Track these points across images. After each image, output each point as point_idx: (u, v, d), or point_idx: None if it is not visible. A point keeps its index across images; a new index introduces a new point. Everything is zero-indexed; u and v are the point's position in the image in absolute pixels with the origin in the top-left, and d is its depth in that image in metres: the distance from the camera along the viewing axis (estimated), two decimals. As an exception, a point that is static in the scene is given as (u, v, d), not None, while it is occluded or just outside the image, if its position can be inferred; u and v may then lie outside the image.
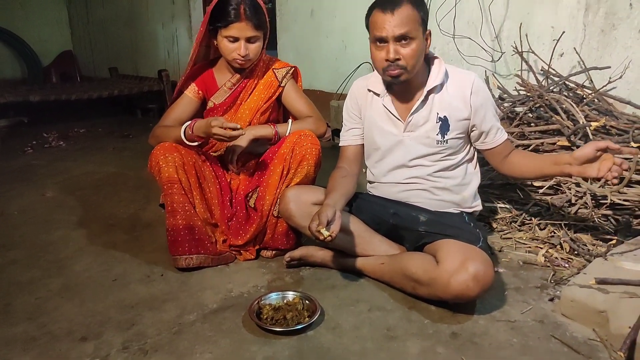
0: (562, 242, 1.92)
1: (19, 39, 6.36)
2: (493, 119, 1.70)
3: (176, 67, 5.24)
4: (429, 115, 1.67)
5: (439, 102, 1.66)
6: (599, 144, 1.50)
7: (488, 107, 1.68)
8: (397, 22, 1.52)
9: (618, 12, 2.40)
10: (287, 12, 4.15)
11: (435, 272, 1.50)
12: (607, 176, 1.48)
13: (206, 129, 1.76)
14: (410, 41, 1.54)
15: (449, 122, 1.66)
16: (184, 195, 1.83)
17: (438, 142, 1.68)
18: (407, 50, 1.55)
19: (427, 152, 1.70)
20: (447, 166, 1.72)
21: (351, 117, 1.85)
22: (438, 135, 1.67)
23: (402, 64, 1.56)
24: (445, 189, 1.73)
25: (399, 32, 1.52)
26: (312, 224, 1.52)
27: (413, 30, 1.53)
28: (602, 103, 2.35)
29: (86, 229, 2.24)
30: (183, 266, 1.81)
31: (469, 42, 2.97)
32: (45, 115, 4.71)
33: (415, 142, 1.71)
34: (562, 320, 1.51)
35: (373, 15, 1.57)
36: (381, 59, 1.58)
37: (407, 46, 1.54)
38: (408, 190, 1.76)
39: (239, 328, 1.49)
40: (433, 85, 1.64)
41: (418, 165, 1.73)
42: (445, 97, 1.66)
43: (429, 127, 1.68)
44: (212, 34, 1.89)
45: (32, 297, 1.67)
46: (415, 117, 1.69)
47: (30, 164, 3.35)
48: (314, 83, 3.95)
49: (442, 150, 1.70)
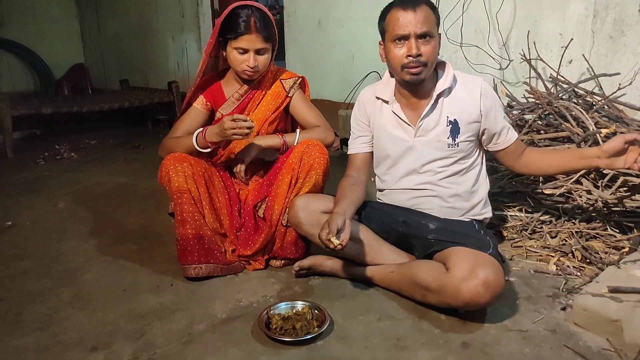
0: (574, 250, 1.90)
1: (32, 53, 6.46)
2: (503, 120, 1.73)
3: (186, 79, 5.29)
4: (439, 119, 1.69)
5: (448, 106, 1.68)
6: (627, 137, 1.54)
7: (498, 108, 1.71)
8: (419, 20, 1.55)
9: (626, 18, 2.39)
10: (294, 23, 4.19)
11: (445, 279, 1.49)
12: (633, 167, 1.54)
13: (219, 129, 1.78)
14: (431, 39, 1.58)
15: (460, 125, 1.67)
16: (193, 205, 1.84)
17: (449, 145, 1.69)
18: (428, 48, 1.58)
19: (438, 156, 1.71)
20: (458, 171, 1.72)
21: (359, 125, 1.86)
22: (449, 138, 1.68)
23: (423, 60, 1.58)
24: (456, 195, 1.73)
25: (421, 30, 1.56)
26: (322, 232, 1.52)
27: (433, 29, 1.58)
28: (612, 110, 2.33)
29: (97, 239, 2.25)
30: (192, 275, 1.82)
31: (476, 50, 2.97)
32: (57, 127, 4.77)
33: (426, 146, 1.71)
34: (574, 330, 1.49)
35: (392, 13, 1.60)
36: (402, 55, 1.59)
37: (428, 44, 1.58)
38: (419, 197, 1.76)
39: (248, 338, 1.49)
40: (442, 88, 1.66)
41: (429, 171, 1.73)
42: (454, 100, 1.68)
43: (440, 131, 1.69)
44: (222, 45, 1.92)
45: (44, 307, 1.69)
46: (425, 122, 1.69)
47: (42, 175, 3.38)
48: (322, 92, 3.97)
49: (453, 154, 1.70)
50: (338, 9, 3.78)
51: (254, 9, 1.85)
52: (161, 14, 5.53)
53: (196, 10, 5.05)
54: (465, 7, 2.94)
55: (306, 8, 4.04)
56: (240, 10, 1.84)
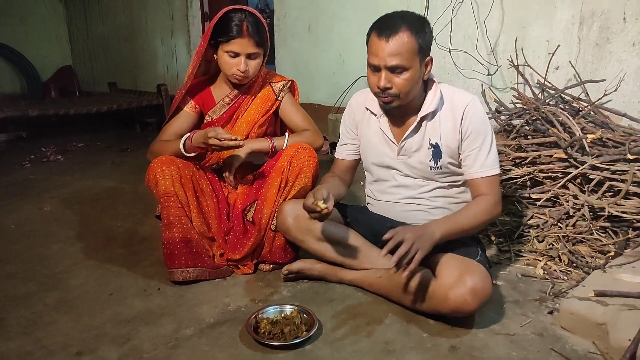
0: (561, 255, 1.91)
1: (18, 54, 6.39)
2: (478, 149, 1.58)
3: (175, 82, 5.26)
4: (422, 141, 1.64)
5: (431, 129, 1.63)
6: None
7: (477, 133, 1.58)
8: (391, 51, 1.47)
9: (612, 26, 2.43)
10: (285, 27, 4.19)
11: (433, 286, 1.49)
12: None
13: (204, 139, 1.77)
14: (404, 71, 1.50)
15: (441, 149, 1.62)
16: (180, 208, 1.83)
17: (431, 168, 1.66)
18: (400, 80, 1.51)
19: (421, 176, 1.69)
20: (444, 186, 1.70)
21: (348, 132, 1.85)
22: (431, 161, 1.64)
23: (393, 93, 1.53)
24: (443, 207, 1.71)
25: (391, 63, 1.48)
26: (307, 200, 1.53)
27: (407, 60, 1.48)
28: (598, 115, 2.36)
29: (83, 243, 2.23)
30: (179, 279, 1.80)
31: (465, 56, 3.00)
32: (43, 129, 4.71)
33: (409, 166, 1.69)
34: (561, 333, 1.50)
35: (370, 38, 1.54)
36: (374, 84, 1.55)
37: (400, 75, 1.51)
38: (404, 211, 1.74)
39: (236, 343, 1.48)
40: (426, 112, 1.61)
41: (414, 185, 1.71)
42: (437, 124, 1.62)
43: (422, 154, 1.65)
44: (213, 48, 1.91)
45: (28, 311, 1.66)
46: (408, 143, 1.66)
47: (28, 178, 3.34)
48: (312, 97, 3.98)
49: (436, 175, 1.67)
50: (328, 13, 3.80)
51: (247, 13, 1.85)
52: (150, 16, 5.51)
53: (186, 13, 5.04)
54: (454, 13, 2.97)
55: (296, 12, 4.05)
56: (233, 14, 1.84)
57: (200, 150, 1.89)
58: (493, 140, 1.61)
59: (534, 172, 2.24)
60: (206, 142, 1.76)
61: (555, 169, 2.20)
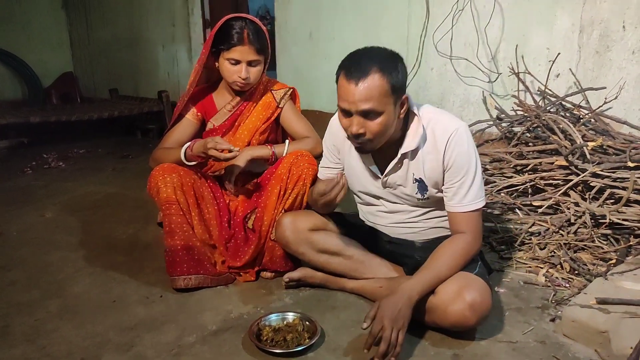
0: (562, 262, 1.92)
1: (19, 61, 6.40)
2: (458, 181, 1.51)
3: (176, 88, 5.27)
4: (406, 176, 1.58)
5: (414, 165, 1.55)
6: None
7: (460, 167, 1.49)
8: (361, 96, 1.37)
9: (611, 34, 2.44)
10: (286, 34, 4.21)
11: (432, 301, 1.47)
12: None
13: (203, 149, 1.78)
14: (377, 115, 1.40)
15: (426, 183, 1.56)
16: (182, 216, 1.84)
17: (419, 199, 1.60)
18: (373, 125, 1.42)
19: (410, 204, 1.65)
20: (434, 208, 1.65)
21: (330, 155, 1.77)
22: (417, 194, 1.59)
23: (366, 139, 1.45)
24: (436, 227, 1.68)
25: (362, 108, 1.39)
26: (319, 187, 1.54)
27: (380, 104, 1.39)
28: (598, 123, 2.37)
29: (85, 250, 2.23)
30: (182, 287, 1.81)
31: (466, 64, 3.01)
32: (45, 136, 4.72)
33: (396, 197, 1.65)
34: (563, 341, 1.50)
35: (339, 80, 1.44)
36: (345, 127, 1.47)
37: (374, 120, 1.41)
38: (399, 234, 1.71)
39: (239, 350, 1.48)
40: (407, 150, 1.52)
41: (404, 210, 1.66)
42: (420, 160, 1.54)
43: (408, 188, 1.60)
44: (215, 55, 1.92)
45: (31, 318, 1.66)
46: (391, 177, 1.60)
47: (30, 185, 3.34)
48: (313, 103, 3.98)
49: (425, 204, 1.63)
50: (329, 20, 3.81)
51: (247, 21, 1.86)
52: (152, 23, 5.53)
53: (187, 19, 5.05)
54: (454, 21, 2.98)
55: (297, 19, 4.07)
56: (234, 21, 1.86)
57: (201, 159, 1.90)
58: (477, 174, 1.51)
59: (535, 180, 2.25)
60: (205, 152, 1.77)
61: (557, 176, 2.21)
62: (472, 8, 2.91)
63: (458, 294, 1.42)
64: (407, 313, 1.37)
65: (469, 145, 1.51)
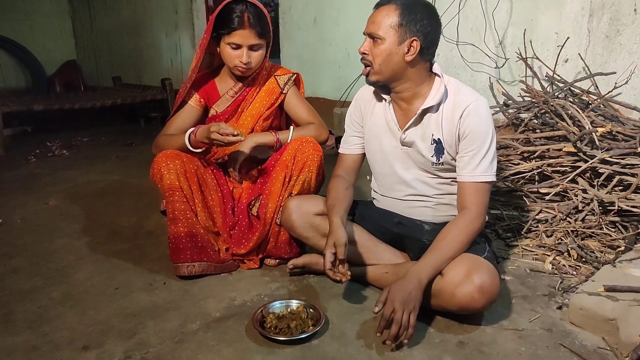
0: (570, 249, 1.89)
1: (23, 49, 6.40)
2: (472, 150, 1.54)
3: (179, 76, 5.26)
4: (424, 135, 1.60)
5: (434, 124, 1.58)
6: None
7: (475, 136, 1.53)
8: (372, 19, 1.54)
9: (622, 17, 2.39)
10: (290, 21, 4.17)
11: (440, 283, 1.47)
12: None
13: (207, 134, 1.76)
14: (378, 41, 1.53)
15: (444, 145, 1.58)
16: (185, 202, 1.82)
17: (433, 163, 1.61)
18: (375, 49, 1.55)
19: (424, 170, 1.65)
20: (447, 182, 1.66)
21: (353, 124, 1.82)
22: (433, 157, 1.60)
23: (366, 60, 1.58)
24: (448, 204, 1.67)
25: (368, 30, 1.55)
26: (326, 263, 1.50)
27: (383, 31, 1.52)
28: (607, 109, 2.33)
29: (88, 238, 2.22)
30: (185, 274, 1.80)
31: (472, 49, 2.97)
32: (48, 124, 4.73)
33: (412, 160, 1.66)
34: (570, 329, 1.48)
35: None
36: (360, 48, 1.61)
37: (375, 45, 1.54)
38: (410, 208, 1.72)
39: (242, 337, 1.47)
40: (428, 105, 1.57)
41: (418, 180, 1.67)
42: (440, 118, 1.58)
43: (424, 148, 1.61)
44: (216, 40, 1.89)
45: (34, 305, 1.66)
46: (410, 134, 1.62)
47: (34, 173, 3.35)
48: (318, 90, 3.96)
49: (438, 170, 1.64)
50: (333, 6, 3.77)
51: (248, 4, 1.83)
52: (154, 10, 5.50)
53: (190, 6, 5.02)
54: (461, 6, 2.94)
55: (301, 5, 4.02)
56: (234, 5, 1.82)
57: (204, 145, 1.88)
58: (491, 148, 1.54)
59: (543, 166, 2.22)
60: (209, 137, 1.75)
61: (564, 163, 2.18)
62: (479, -8, 2.86)
63: (467, 276, 1.41)
64: (418, 295, 1.39)
65: (487, 117, 1.56)
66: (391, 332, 1.33)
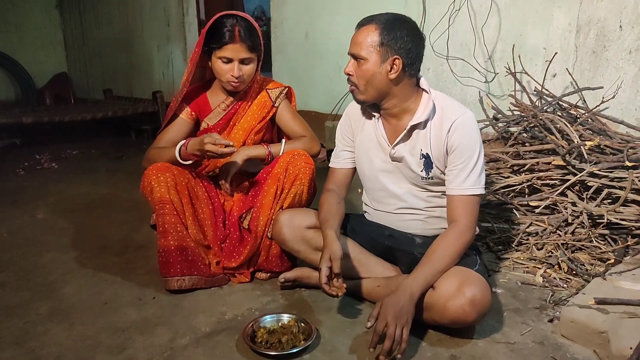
0: (560, 262, 1.90)
1: (13, 61, 6.36)
2: (460, 164, 1.55)
3: (171, 89, 5.25)
4: (413, 150, 1.61)
5: (423, 139, 1.59)
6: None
7: (463, 150, 1.54)
8: (354, 40, 1.56)
9: (608, 33, 2.43)
10: (281, 35, 4.19)
11: (432, 296, 1.46)
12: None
13: (200, 146, 1.75)
14: (361, 61, 1.54)
15: (432, 160, 1.59)
16: (175, 216, 1.81)
17: (423, 178, 1.62)
18: (359, 70, 1.56)
19: (414, 184, 1.66)
20: (437, 195, 1.66)
21: (344, 139, 1.81)
22: (422, 171, 1.61)
23: (352, 80, 1.60)
24: (440, 217, 1.67)
25: (351, 51, 1.57)
26: (323, 276, 1.49)
27: (365, 51, 1.53)
28: (595, 123, 2.36)
29: (77, 251, 2.20)
30: (175, 288, 1.78)
31: (462, 64, 3.00)
32: (38, 137, 4.69)
33: (401, 174, 1.66)
34: (562, 342, 1.49)
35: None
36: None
37: (359, 66, 1.56)
38: (401, 221, 1.72)
39: (233, 352, 1.45)
40: (417, 121, 1.58)
41: (409, 194, 1.68)
42: (427, 134, 1.59)
43: (414, 162, 1.61)
44: (207, 54, 1.90)
45: (21, 321, 1.63)
46: (399, 149, 1.63)
47: (22, 186, 3.31)
48: (309, 104, 3.97)
49: (428, 185, 1.64)
50: (325, 20, 3.80)
51: (239, 19, 1.84)
52: (146, 23, 5.50)
53: (182, 19, 5.03)
54: (451, 21, 2.97)
55: (293, 19, 4.05)
56: (225, 19, 1.83)
57: (196, 157, 1.87)
58: (479, 161, 1.55)
59: (532, 180, 2.24)
60: (202, 148, 1.74)
61: (554, 176, 2.20)
62: (468, 8, 2.90)
63: (458, 290, 1.41)
64: (410, 309, 1.38)
65: (474, 130, 1.57)
66: (384, 347, 1.32)
